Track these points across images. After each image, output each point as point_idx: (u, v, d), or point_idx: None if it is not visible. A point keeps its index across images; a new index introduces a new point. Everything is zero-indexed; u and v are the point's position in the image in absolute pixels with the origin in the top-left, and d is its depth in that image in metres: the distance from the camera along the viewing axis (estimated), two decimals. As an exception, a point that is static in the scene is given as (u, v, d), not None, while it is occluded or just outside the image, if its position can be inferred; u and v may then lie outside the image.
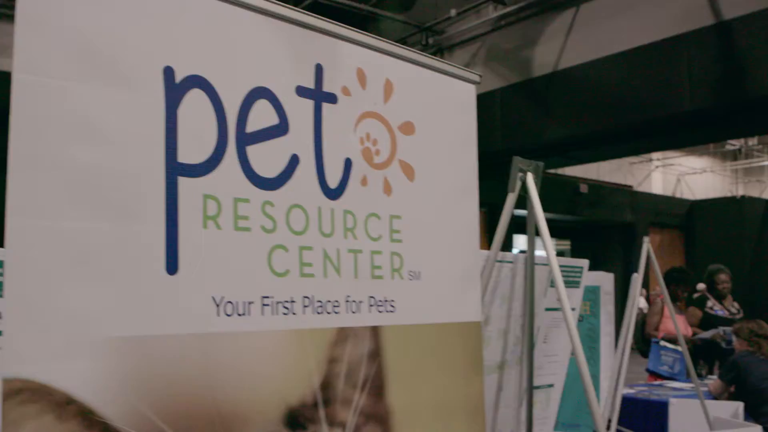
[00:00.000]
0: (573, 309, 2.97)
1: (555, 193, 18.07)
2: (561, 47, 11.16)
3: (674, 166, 23.53)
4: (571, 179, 18.53)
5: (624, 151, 14.68)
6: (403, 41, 11.35)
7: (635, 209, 20.49)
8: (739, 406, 4.04)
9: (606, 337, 4.21)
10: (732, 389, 5.57)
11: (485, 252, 2.61)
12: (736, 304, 7.06)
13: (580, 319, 4.54)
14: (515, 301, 2.76)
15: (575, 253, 20.73)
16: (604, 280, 4.34)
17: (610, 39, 10.30)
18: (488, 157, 2.79)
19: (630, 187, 21.14)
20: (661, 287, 3.88)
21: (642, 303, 16.65)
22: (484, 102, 12.90)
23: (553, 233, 19.49)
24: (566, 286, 2.86)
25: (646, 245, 3.74)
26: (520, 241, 19.51)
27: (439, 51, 12.34)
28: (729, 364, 5.65)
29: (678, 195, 23.38)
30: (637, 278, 3.94)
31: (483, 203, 2.68)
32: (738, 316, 6.77)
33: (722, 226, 21.08)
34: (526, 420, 2.87)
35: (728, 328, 6.15)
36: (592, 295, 4.44)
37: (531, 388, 2.84)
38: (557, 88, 11.44)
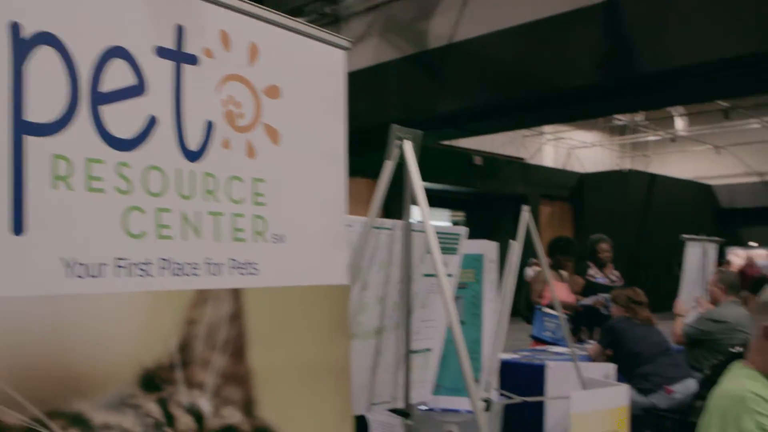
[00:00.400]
0: (451, 275, 3.04)
1: (449, 164, 18.36)
2: (456, 20, 11.27)
3: (565, 140, 24.26)
4: (465, 151, 18.86)
5: (516, 124, 15.03)
6: (299, 9, 11.24)
7: (527, 181, 21.04)
8: (611, 367, 4.24)
9: (490, 304, 4.32)
10: (609, 352, 5.83)
11: (363, 219, 2.64)
12: (616, 272, 7.35)
13: (464, 287, 4.66)
14: (393, 268, 2.80)
15: (469, 224, 21.15)
16: (488, 249, 4.44)
17: (504, 13, 10.47)
18: (384, 128, 2.80)
19: (522, 159, 21.70)
20: (539, 257, 3.99)
21: (530, 272, 17.11)
22: (379, 73, 13.04)
23: (448, 205, 19.95)
24: (444, 253, 2.92)
25: (525, 214, 3.85)
26: (416, 212, 19.78)
27: (335, 20, 12.27)
28: (606, 329, 5.91)
29: (568, 168, 24.13)
30: (515, 245, 4.06)
31: (374, 174, 2.71)
32: (617, 284, 7.05)
33: (609, 198, 21.90)
34: (404, 384, 2.93)
35: (608, 295, 6.41)
36: (476, 263, 4.54)
37: (409, 353, 2.90)
38: (452, 61, 11.58)
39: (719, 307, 6.11)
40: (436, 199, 20.81)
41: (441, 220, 22.37)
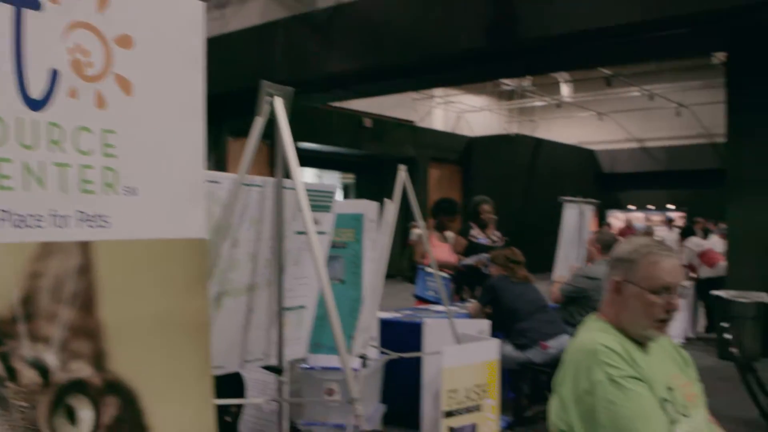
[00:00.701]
0: (324, 232, 3.06)
1: (339, 126, 18.36)
2: (345, -20, 11.23)
3: (455, 104, 24.59)
4: (355, 114, 18.86)
5: (405, 87, 15.12)
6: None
7: (417, 144, 21.26)
8: (485, 323, 4.37)
9: (369, 263, 4.38)
10: (488, 310, 6.01)
11: (232, 175, 2.63)
12: (497, 233, 7.55)
13: (344, 246, 4.71)
14: (265, 225, 2.80)
15: (360, 186, 21.26)
16: (368, 209, 4.49)
17: (392, -25, 10.51)
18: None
19: (412, 122, 21.87)
20: (416, 218, 4.05)
21: (415, 235, 17.29)
22: (267, 32, 12.84)
23: (338, 167, 19.92)
24: (315, 210, 2.94)
25: (402, 173, 3.90)
26: (305, 174, 19.73)
27: (221, -22, 12.02)
28: (485, 288, 6.09)
29: (458, 131, 24.49)
30: (390, 204, 4.11)
31: (265, 135, 2.69)
32: (498, 244, 7.25)
33: (497, 161, 22.39)
34: (278, 341, 2.95)
35: (489, 255, 6.58)
36: (355, 222, 4.59)
37: (282, 310, 2.92)
38: (341, 21, 11.53)
39: (594, 265, 6.38)
40: (325, 161, 20.80)
41: (331, 181, 22.40)
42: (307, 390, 4.75)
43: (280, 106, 2.66)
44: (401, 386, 5.02)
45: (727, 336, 4.82)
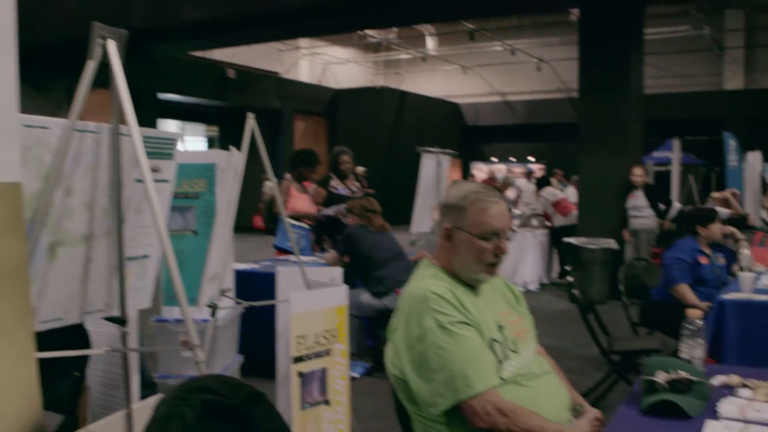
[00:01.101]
0: (165, 181, 2.99)
1: (202, 77, 17.91)
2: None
3: (320, 56, 24.41)
4: (218, 64, 18.43)
5: (267, 37, 14.87)
6: None
7: (282, 96, 21.02)
8: (337, 271, 4.42)
9: (222, 214, 4.32)
10: (346, 259, 6.08)
11: (63, 121, 2.52)
12: (357, 184, 7.62)
13: (197, 197, 4.63)
14: (101, 172, 2.71)
15: (224, 139, 20.89)
16: (221, 158, 4.42)
17: None
18: (130, 35, 2.65)
19: (277, 74, 21.60)
20: (267, 170, 4.01)
21: (267, 188, 17.20)
22: (119, -24, 12.13)
23: (202, 119, 19.48)
24: (156, 158, 2.87)
25: (250, 121, 3.85)
26: (167, 126, 19.21)
27: None
28: (343, 237, 6.15)
29: (323, 83, 24.37)
30: (236, 153, 4.07)
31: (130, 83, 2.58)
32: (357, 195, 7.32)
33: (363, 114, 22.46)
34: (119, 291, 2.88)
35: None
36: (208, 172, 4.52)
37: (123, 260, 2.85)
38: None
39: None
40: (189, 113, 20.30)
41: (195, 134, 21.89)
42: (162, 343, 4.69)
43: (113, 49, 2.56)
44: (259, 337, 5.03)
45: (570, 279, 5.06)
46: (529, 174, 14.47)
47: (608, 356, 4.78)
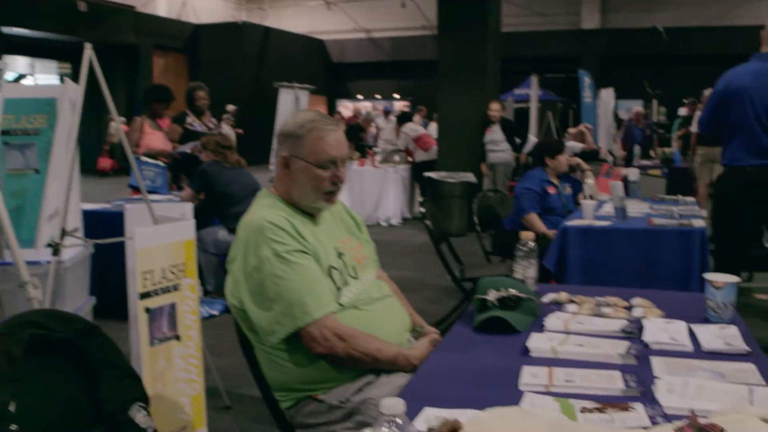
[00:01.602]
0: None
1: (50, 10, 16.90)
2: None
3: (179, -11, 23.50)
4: (67, -4, 17.44)
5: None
6: None
7: (139, 31, 20.16)
8: (188, 206, 4.32)
9: (63, 150, 4.14)
10: (202, 196, 5.97)
11: None
12: (213, 120, 7.45)
13: (37, 133, 4.41)
14: None
15: (77, 76, 19.89)
16: (62, 93, 4.23)
17: None
18: None
19: (133, 7, 20.63)
20: (110, 109, 3.83)
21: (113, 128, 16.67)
22: None
23: (53, 55, 18.48)
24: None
25: (88, 51, 3.65)
26: (15, 63, 18.11)
27: None
28: (198, 174, 6.03)
29: (183, 18, 23.50)
30: (71, 86, 3.89)
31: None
32: (215, 131, 7.17)
33: (225, 50, 21.90)
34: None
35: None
36: (48, 108, 4.32)
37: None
38: None
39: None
40: (38, 49, 19.19)
41: (47, 72, 20.76)
42: (4, 286, 4.48)
43: None
44: (113, 278, 4.89)
45: (422, 210, 5.16)
46: (387, 112, 14.57)
47: (460, 284, 4.94)
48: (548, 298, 2.63)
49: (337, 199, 2.43)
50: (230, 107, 15.89)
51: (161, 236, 3.29)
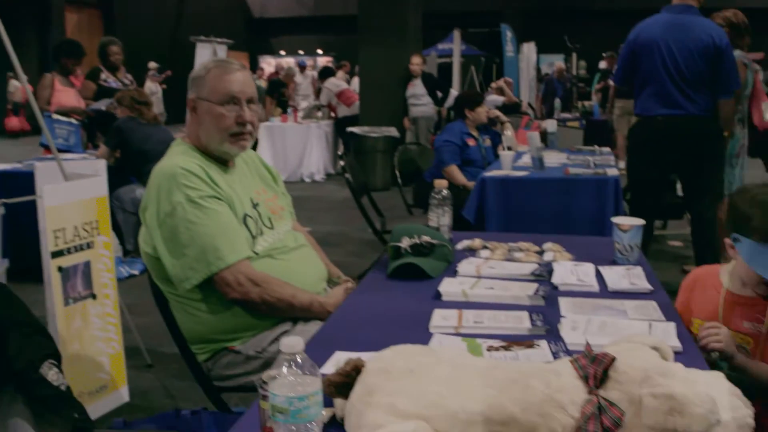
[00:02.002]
0: None
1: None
2: None
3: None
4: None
5: None
6: None
7: (50, -15, 19.42)
8: (101, 163, 4.21)
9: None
10: (117, 154, 5.83)
11: None
12: (129, 76, 7.26)
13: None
14: None
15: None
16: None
17: None
18: None
19: (42, -40, 19.82)
20: (15, 67, 3.67)
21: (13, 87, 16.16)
22: None
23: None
24: None
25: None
26: None
27: None
28: (113, 131, 5.87)
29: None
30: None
31: None
32: (131, 87, 6.98)
33: (142, 5, 21.29)
34: None
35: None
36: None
37: None
38: None
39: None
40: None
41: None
42: None
43: None
44: (27, 240, 4.76)
45: (341, 163, 5.15)
46: (302, 67, 14.41)
47: (381, 237, 4.96)
48: (462, 245, 2.67)
49: (248, 145, 2.39)
50: (152, 64, 15.51)
51: (72, 193, 3.22)
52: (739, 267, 1.94)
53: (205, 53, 8.28)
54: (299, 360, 1.07)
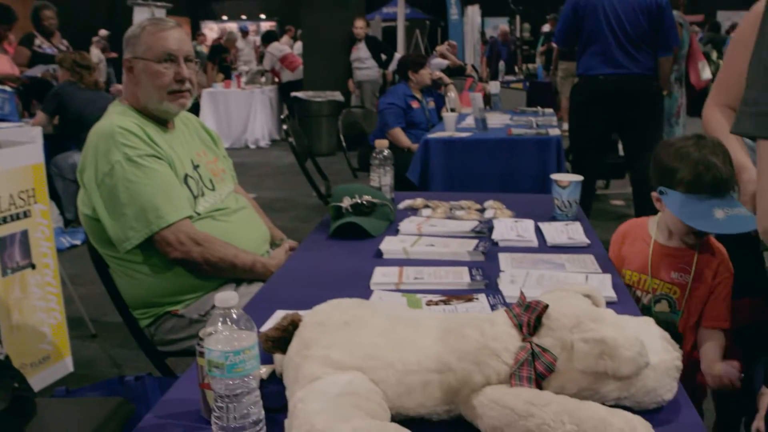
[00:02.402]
0: None
1: None
2: None
3: None
4: None
5: None
6: None
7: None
8: (36, 130, 4.15)
9: None
10: (56, 121, 5.70)
11: None
12: (65, 41, 7.07)
13: None
14: None
15: None
16: None
17: None
18: None
19: None
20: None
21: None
22: None
23: None
24: None
25: None
26: None
27: None
28: (50, 96, 5.73)
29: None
30: None
31: None
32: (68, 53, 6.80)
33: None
34: None
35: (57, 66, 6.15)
36: None
37: None
38: None
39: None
40: None
41: None
42: None
43: None
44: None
45: (284, 127, 5.11)
46: (244, 32, 14.21)
47: (326, 200, 4.95)
48: (404, 204, 2.68)
49: (187, 103, 2.36)
50: (102, 32, 15.11)
51: (5, 161, 3.14)
52: (666, 218, 1.99)
53: (143, 17, 8.09)
54: (234, 315, 1.07)
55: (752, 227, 1.76)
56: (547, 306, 1.17)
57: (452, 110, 5.83)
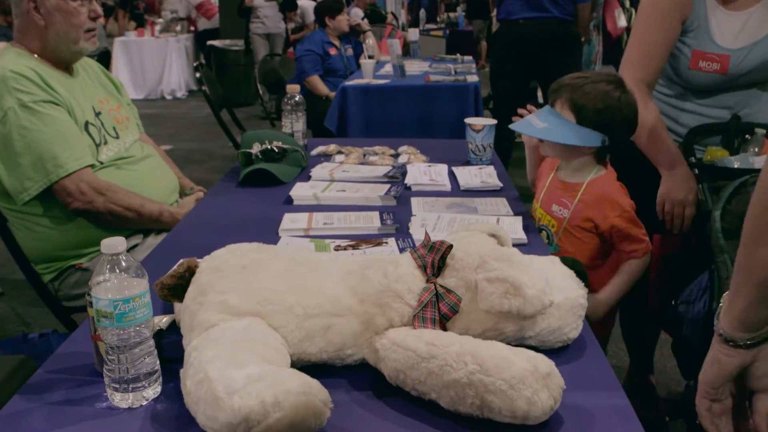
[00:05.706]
0: None
1: None
2: None
3: None
4: None
5: None
6: None
7: None
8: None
9: None
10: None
11: None
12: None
13: None
14: None
15: None
16: None
17: None
18: None
19: None
20: None
21: None
22: None
23: None
24: None
25: None
26: None
27: None
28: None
29: None
30: None
31: None
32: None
33: None
34: None
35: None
36: None
37: None
38: None
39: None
40: None
41: None
42: None
43: None
44: None
45: (198, 75, 4.97)
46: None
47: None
48: (317, 150, 2.63)
49: (97, 42, 2.26)
50: None
51: None
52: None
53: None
54: (123, 263, 1.01)
55: (528, 132, 1.89)
56: (451, 246, 1.15)
57: (370, 57, 5.75)
